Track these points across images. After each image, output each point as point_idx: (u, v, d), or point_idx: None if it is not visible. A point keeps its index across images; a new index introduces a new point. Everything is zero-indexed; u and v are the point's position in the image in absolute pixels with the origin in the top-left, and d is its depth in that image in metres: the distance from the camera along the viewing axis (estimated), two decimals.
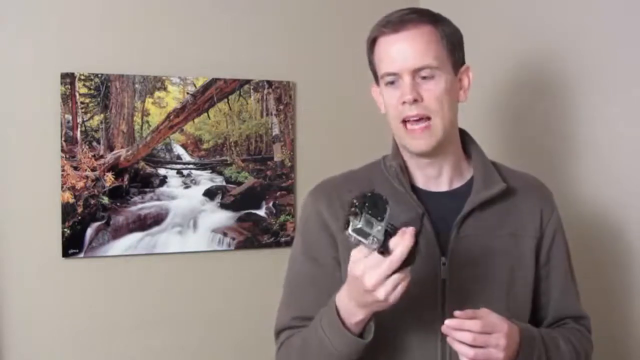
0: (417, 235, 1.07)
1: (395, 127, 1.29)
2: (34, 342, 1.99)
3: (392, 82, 1.27)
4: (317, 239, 1.33)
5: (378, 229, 1.06)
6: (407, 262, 1.07)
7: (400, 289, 1.09)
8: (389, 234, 1.07)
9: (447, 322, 1.13)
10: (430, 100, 1.25)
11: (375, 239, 1.06)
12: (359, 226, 1.05)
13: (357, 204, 1.06)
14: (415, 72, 1.25)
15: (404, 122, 1.26)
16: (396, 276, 1.07)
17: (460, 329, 1.13)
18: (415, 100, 1.24)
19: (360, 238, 1.06)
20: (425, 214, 1.23)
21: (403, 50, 1.25)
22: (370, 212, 1.06)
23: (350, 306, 1.15)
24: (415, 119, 1.25)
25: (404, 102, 1.25)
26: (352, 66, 2.28)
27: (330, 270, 1.32)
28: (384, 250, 1.07)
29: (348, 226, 1.06)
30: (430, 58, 1.25)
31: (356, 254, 1.10)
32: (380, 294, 1.08)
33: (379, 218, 1.06)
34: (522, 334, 1.19)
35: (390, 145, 1.38)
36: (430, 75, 1.25)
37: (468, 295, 1.25)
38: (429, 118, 1.25)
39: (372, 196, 1.07)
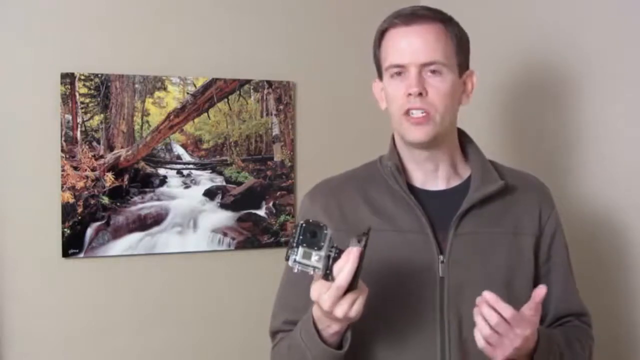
0: (361, 256, 1.07)
1: (397, 118, 1.29)
2: (34, 342, 1.99)
3: (398, 74, 1.27)
4: None
5: (316, 258, 1.07)
6: (353, 282, 1.07)
7: (357, 305, 1.10)
8: (334, 258, 1.08)
9: (487, 294, 1.13)
10: (434, 96, 1.25)
11: (316, 269, 1.08)
12: (297, 259, 1.07)
13: (293, 235, 1.08)
14: (422, 66, 1.25)
15: (406, 113, 1.26)
16: (349, 296, 1.09)
17: (494, 307, 1.12)
18: (420, 94, 1.24)
19: (301, 269, 1.07)
20: (370, 228, 1.19)
21: (412, 43, 1.26)
22: (305, 243, 1.07)
23: (323, 319, 1.16)
24: (417, 111, 1.25)
25: (409, 94, 1.25)
26: (352, 66, 2.29)
27: None
28: (328, 277, 1.08)
29: (288, 259, 1.07)
30: (439, 54, 1.26)
31: (314, 278, 1.11)
32: (338, 314, 1.10)
33: (316, 247, 1.07)
34: (540, 337, 1.19)
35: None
36: (438, 71, 1.26)
37: (467, 293, 1.25)
38: (428, 112, 1.26)
39: (307, 226, 1.08)
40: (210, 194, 2.18)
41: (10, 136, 1.97)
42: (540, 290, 1.16)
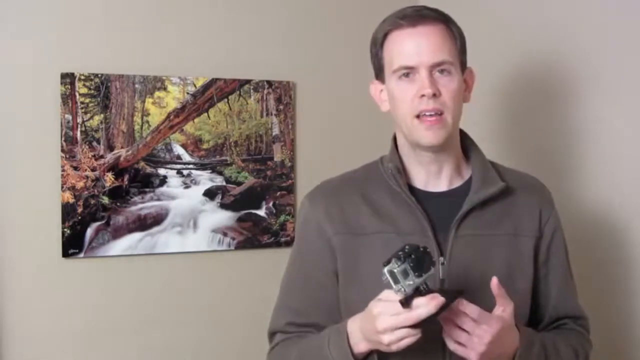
0: (442, 308, 1.09)
1: (407, 121, 1.28)
2: (34, 342, 1.99)
3: (406, 76, 1.27)
4: (312, 246, 1.34)
5: (410, 283, 1.10)
6: (421, 324, 1.10)
7: (406, 342, 1.11)
8: (420, 292, 1.10)
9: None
10: (446, 96, 1.26)
11: (402, 290, 1.10)
12: (394, 270, 1.09)
13: (406, 250, 1.10)
14: (432, 67, 1.26)
15: (418, 116, 1.26)
16: (406, 330, 1.10)
17: (461, 310, 1.14)
18: (434, 95, 1.24)
19: (390, 280, 1.10)
20: (463, 292, 1.22)
21: (421, 44, 1.26)
22: (412, 264, 1.09)
23: (358, 336, 1.18)
24: (430, 113, 1.25)
25: (422, 96, 1.24)
26: (352, 66, 2.29)
27: (323, 278, 1.33)
28: (406, 303, 1.10)
29: (387, 264, 1.10)
30: (446, 54, 1.27)
31: (386, 294, 1.13)
32: (385, 339, 1.11)
33: (417, 274, 1.10)
34: (522, 340, 1.20)
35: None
36: (447, 70, 1.26)
37: (467, 295, 1.25)
38: (442, 113, 1.26)
39: (423, 252, 1.11)
40: (210, 194, 2.18)
41: (10, 136, 1.97)
42: (493, 280, 1.17)
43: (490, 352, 1.15)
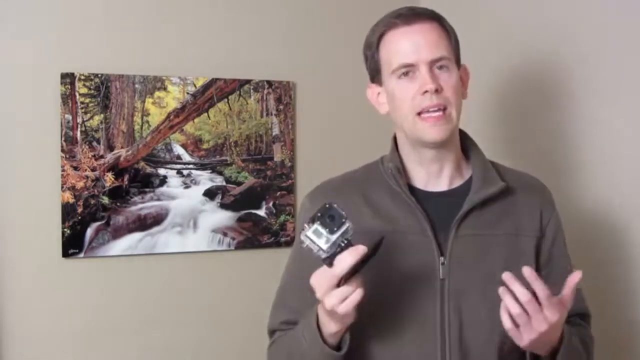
0: (366, 257, 1.08)
1: (409, 119, 1.28)
2: (34, 342, 1.99)
3: (406, 74, 1.27)
4: None
5: (324, 240, 1.08)
6: (349, 278, 1.09)
7: (348, 302, 1.09)
8: (342, 248, 1.09)
9: (526, 269, 1.10)
10: (448, 92, 1.26)
11: (320, 249, 1.09)
12: (307, 233, 1.09)
13: (317, 212, 1.09)
14: (432, 63, 1.26)
15: (420, 114, 1.26)
16: (342, 289, 1.09)
17: (531, 282, 1.09)
18: (436, 90, 1.24)
19: (308, 244, 1.09)
20: (385, 238, 1.18)
21: (418, 42, 1.26)
22: (321, 223, 1.09)
23: (324, 317, 1.17)
24: (434, 109, 1.25)
25: (425, 92, 1.24)
26: (352, 66, 2.26)
27: None
28: (330, 263, 1.09)
29: (303, 230, 1.09)
30: (444, 50, 1.27)
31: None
32: (326, 305, 1.10)
33: (328, 230, 1.09)
34: (562, 338, 1.19)
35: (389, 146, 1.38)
36: (446, 66, 1.27)
37: (467, 295, 1.26)
38: (445, 108, 1.26)
39: (330, 209, 1.10)
40: (210, 194, 2.18)
41: (10, 136, 1.97)
42: (575, 276, 1.13)
43: (539, 340, 1.13)
